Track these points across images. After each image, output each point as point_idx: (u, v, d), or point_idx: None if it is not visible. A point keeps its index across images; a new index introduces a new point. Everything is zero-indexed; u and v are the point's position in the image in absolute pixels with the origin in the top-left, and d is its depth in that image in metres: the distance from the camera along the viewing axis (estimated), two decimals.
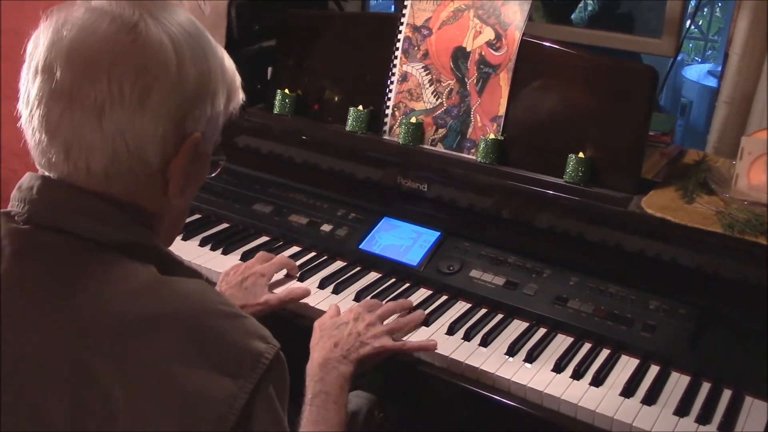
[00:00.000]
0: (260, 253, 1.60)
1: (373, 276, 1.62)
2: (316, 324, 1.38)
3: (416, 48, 1.72)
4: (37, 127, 0.86)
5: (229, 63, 0.96)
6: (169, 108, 0.86)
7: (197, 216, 1.86)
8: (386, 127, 1.76)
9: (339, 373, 1.26)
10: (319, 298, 1.53)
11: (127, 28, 0.85)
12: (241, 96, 1.00)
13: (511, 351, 1.38)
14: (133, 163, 0.86)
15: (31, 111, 0.86)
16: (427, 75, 1.71)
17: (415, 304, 1.51)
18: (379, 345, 1.33)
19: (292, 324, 1.51)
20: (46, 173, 0.89)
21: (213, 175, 1.03)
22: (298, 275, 1.59)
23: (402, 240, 1.65)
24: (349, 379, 1.27)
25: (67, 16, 0.86)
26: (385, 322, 1.40)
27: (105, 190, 0.87)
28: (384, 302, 1.48)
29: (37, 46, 0.86)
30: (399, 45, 1.74)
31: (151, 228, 0.93)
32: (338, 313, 1.41)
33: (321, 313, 1.48)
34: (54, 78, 0.84)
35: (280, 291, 1.52)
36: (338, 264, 1.66)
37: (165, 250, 0.93)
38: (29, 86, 0.86)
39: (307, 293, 1.52)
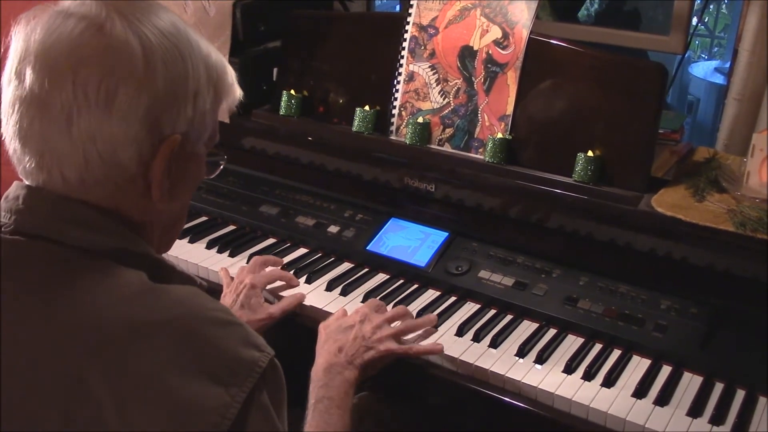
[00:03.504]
0: (242, 267, 1.58)
1: (381, 277, 1.61)
2: (321, 326, 1.36)
3: (423, 47, 1.71)
4: (11, 135, 0.85)
5: (216, 61, 0.92)
6: (138, 110, 0.83)
7: (204, 218, 1.86)
8: (393, 128, 1.75)
9: (344, 378, 1.25)
10: (326, 300, 1.52)
11: (92, 29, 0.82)
12: (237, 92, 0.97)
13: (521, 352, 1.37)
14: (108, 170, 0.84)
15: (7, 118, 0.85)
16: (433, 74, 1.70)
17: (423, 305, 1.50)
18: (384, 349, 1.31)
19: (294, 323, 1.50)
20: (27, 182, 0.87)
21: (213, 176, 1.01)
22: (299, 282, 1.58)
23: (410, 241, 1.64)
24: (354, 384, 1.26)
25: (38, 19, 0.84)
26: (393, 324, 1.39)
27: (87, 198, 0.86)
28: (390, 306, 1.47)
29: (10, 52, 0.85)
30: (405, 44, 1.73)
31: (141, 233, 0.91)
32: (344, 315, 1.39)
33: (328, 315, 1.47)
34: (24, 84, 0.82)
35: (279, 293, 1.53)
36: (346, 266, 1.66)
37: (156, 256, 0.91)
38: (5, 92, 0.85)
39: (302, 298, 1.51)
